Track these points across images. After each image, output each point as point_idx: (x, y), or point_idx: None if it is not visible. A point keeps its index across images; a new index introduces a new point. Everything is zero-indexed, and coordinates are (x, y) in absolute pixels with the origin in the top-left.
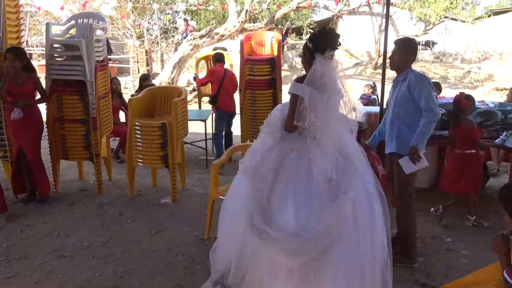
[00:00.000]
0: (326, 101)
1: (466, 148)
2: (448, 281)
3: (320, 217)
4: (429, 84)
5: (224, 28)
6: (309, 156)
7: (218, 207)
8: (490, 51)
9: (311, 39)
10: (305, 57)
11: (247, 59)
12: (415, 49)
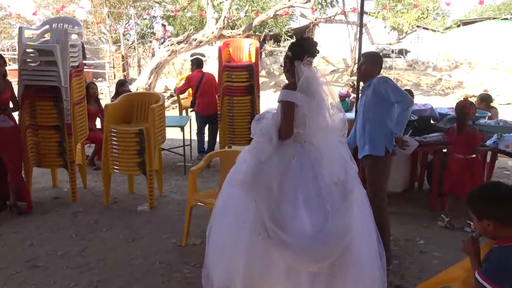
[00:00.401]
0: (316, 105)
1: (468, 153)
2: (421, 282)
3: (337, 218)
4: (391, 81)
5: (202, 34)
6: (311, 160)
7: (196, 213)
8: (460, 60)
9: (290, 48)
10: (285, 66)
11: (225, 65)
12: (380, 61)
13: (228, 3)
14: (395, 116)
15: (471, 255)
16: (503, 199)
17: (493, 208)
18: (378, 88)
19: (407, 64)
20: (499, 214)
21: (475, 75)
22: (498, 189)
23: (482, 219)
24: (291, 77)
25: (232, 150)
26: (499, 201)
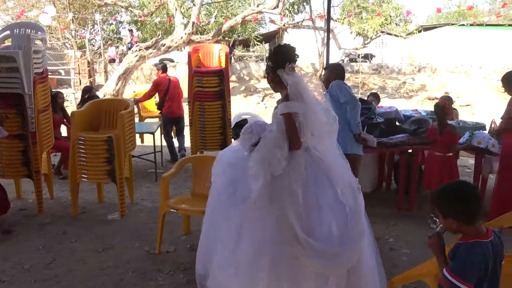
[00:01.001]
0: (311, 110)
1: (447, 152)
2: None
3: (355, 219)
4: (344, 84)
5: (170, 39)
6: (322, 167)
7: (169, 220)
8: (422, 64)
9: (269, 57)
10: (269, 76)
11: (195, 71)
12: (335, 67)
13: (196, 8)
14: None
15: (437, 250)
16: (467, 200)
17: (457, 208)
18: (332, 92)
19: (372, 68)
20: (462, 213)
21: (437, 78)
22: (462, 189)
23: (447, 217)
24: (277, 86)
25: (204, 156)
26: (463, 201)
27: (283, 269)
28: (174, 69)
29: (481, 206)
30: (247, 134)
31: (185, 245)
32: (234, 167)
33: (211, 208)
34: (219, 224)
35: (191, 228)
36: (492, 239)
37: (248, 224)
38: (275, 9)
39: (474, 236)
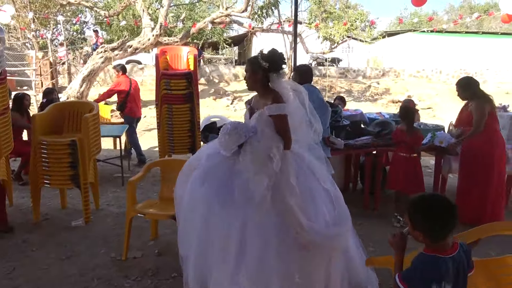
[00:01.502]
0: (297, 114)
1: (413, 152)
2: None
3: (340, 203)
4: (315, 89)
5: (137, 41)
6: (306, 162)
7: (136, 225)
8: (386, 68)
9: (266, 59)
10: (257, 75)
11: (163, 73)
12: (299, 70)
13: (164, 10)
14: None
15: (396, 249)
16: (439, 220)
17: (428, 226)
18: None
19: (339, 72)
20: (431, 232)
21: (400, 82)
22: (438, 209)
23: (415, 230)
24: (258, 87)
25: (172, 159)
26: (434, 222)
27: (292, 263)
28: (141, 71)
29: (455, 224)
30: (234, 136)
31: (153, 250)
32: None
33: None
34: (211, 225)
35: (159, 232)
36: (455, 255)
37: (253, 223)
38: (243, 12)
39: (436, 250)
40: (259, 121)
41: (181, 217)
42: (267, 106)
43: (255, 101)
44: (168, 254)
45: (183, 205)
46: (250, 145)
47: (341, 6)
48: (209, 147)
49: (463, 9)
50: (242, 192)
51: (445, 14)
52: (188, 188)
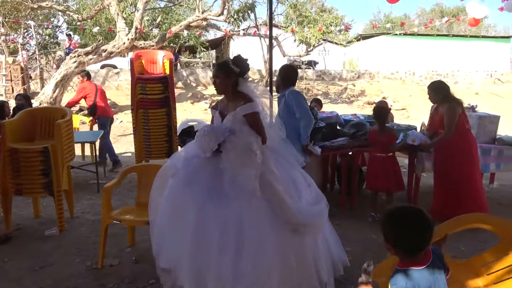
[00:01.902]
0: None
1: (388, 152)
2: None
3: (313, 187)
4: (301, 97)
5: (112, 45)
6: (279, 152)
7: (112, 232)
8: (362, 70)
9: (236, 64)
10: (229, 79)
11: (138, 78)
12: (284, 69)
13: (139, 14)
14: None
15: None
16: (411, 237)
17: (400, 242)
18: (288, 101)
19: (316, 75)
20: (403, 247)
21: (375, 84)
22: (411, 224)
23: (388, 242)
24: (231, 91)
25: (148, 164)
26: (408, 238)
27: (287, 248)
28: (117, 75)
29: (429, 239)
30: (212, 136)
31: (130, 258)
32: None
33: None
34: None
35: (137, 239)
36: (429, 264)
37: (248, 214)
38: (220, 16)
39: (410, 263)
40: (234, 122)
41: (159, 227)
42: (241, 107)
43: (223, 105)
44: (146, 260)
45: (161, 214)
46: (230, 143)
47: (316, 10)
48: (184, 151)
49: (434, 13)
50: (232, 187)
51: (417, 17)
52: (168, 196)
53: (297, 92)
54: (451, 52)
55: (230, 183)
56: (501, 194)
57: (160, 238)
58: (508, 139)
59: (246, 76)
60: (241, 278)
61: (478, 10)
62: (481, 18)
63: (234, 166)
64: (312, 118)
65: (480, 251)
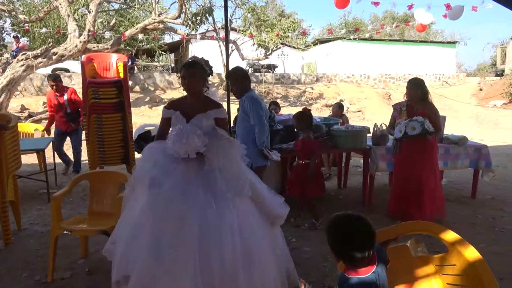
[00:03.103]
0: None
1: (307, 158)
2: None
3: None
4: (257, 104)
5: (63, 48)
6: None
7: (64, 244)
8: (320, 74)
9: (208, 65)
10: (203, 80)
11: (91, 81)
12: (242, 74)
13: (92, 16)
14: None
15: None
16: (352, 246)
17: (340, 250)
18: (246, 107)
19: (276, 78)
20: (346, 256)
21: (332, 87)
22: (352, 232)
23: (332, 251)
24: (201, 92)
25: (101, 171)
26: (349, 247)
27: (272, 240)
28: (69, 79)
29: (370, 245)
30: (198, 137)
31: (83, 269)
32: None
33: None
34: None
35: (90, 250)
36: (375, 269)
37: (240, 212)
38: (177, 19)
39: (356, 271)
40: (206, 124)
41: (128, 235)
42: (214, 110)
43: (185, 107)
44: (100, 272)
45: (136, 220)
46: (215, 145)
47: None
48: (153, 157)
49: (386, 20)
50: (228, 187)
51: (370, 23)
52: (153, 205)
53: (255, 99)
54: (402, 56)
55: (225, 183)
56: (449, 190)
57: (123, 251)
58: (454, 138)
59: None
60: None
61: (424, 16)
62: (427, 24)
63: (227, 166)
64: (265, 124)
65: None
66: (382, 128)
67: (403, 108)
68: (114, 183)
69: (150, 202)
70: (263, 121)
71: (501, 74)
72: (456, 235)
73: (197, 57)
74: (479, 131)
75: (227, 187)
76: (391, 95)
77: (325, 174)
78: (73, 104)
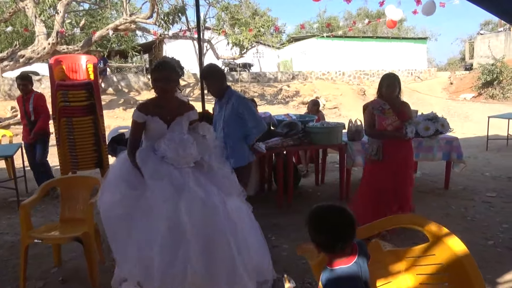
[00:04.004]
0: None
1: None
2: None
3: None
4: (249, 103)
5: (31, 50)
6: None
7: (35, 253)
8: (295, 71)
9: (180, 67)
10: (177, 82)
11: (59, 84)
12: (220, 72)
13: (60, 17)
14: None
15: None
16: (330, 233)
17: (321, 241)
18: (237, 108)
19: (252, 77)
20: (325, 247)
21: (308, 85)
22: (328, 220)
23: (313, 242)
24: (173, 96)
25: (72, 176)
26: (326, 234)
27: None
28: (39, 83)
29: (351, 236)
30: (205, 147)
31: (57, 278)
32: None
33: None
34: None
35: (64, 258)
36: (356, 259)
37: (234, 208)
38: (149, 19)
39: (338, 261)
40: (186, 128)
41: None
42: (193, 112)
43: (165, 110)
44: (74, 280)
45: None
46: (203, 145)
47: (250, 14)
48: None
49: (360, 17)
50: (230, 186)
51: (344, 20)
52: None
53: (245, 98)
54: (376, 53)
55: (227, 182)
56: (422, 182)
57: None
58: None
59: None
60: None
61: (395, 13)
62: (397, 20)
63: (222, 167)
64: (264, 125)
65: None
66: (357, 124)
67: (385, 107)
68: (86, 188)
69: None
70: (261, 120)
71: (470, 68)
72: (441, 227)
73: (167, 58)
74: (450, 123)
75: (231, 185)
76: (365, 91)
77: (303, 171)
78: (39, 113)
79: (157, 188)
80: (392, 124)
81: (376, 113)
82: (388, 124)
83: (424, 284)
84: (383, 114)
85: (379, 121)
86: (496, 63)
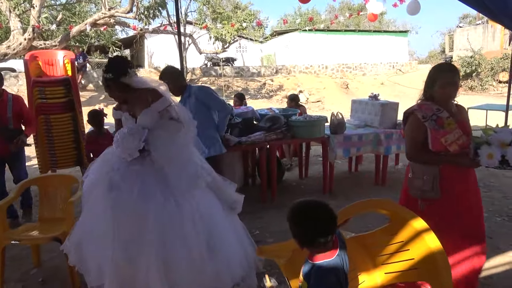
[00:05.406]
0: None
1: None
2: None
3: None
4: (211, 90)
5: (6, 45)
6: None
7: (13, 254)
8: (279, 66)
9: (108, 70)
10: (114, 89)
11: (36, 81)
12: (176, 73)
13: (36, 11)
14: (215, 119)
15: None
16: (308, 228)
17: (303, 237)
18: (200, 97)
19: (235, 72)
20: (307, 242)
21: (292, 79)
22: (307, 216)
23: (294, 238)
24: (126, 95)
25: (51, 175)
26: (305, 230)
27: (237, 220)
28: (16, 79)
29: (332, 230)
30: (136, 135)
31: (37, 279)
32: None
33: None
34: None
35: (43, 258)
36: (338, 252)
37: (204, 205)
38: (129, 13)
39: (321, 256)
40: (151, 120)
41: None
42: (153, 105)
43: (130, 106)
44: (55, 280)
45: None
46: (158, 141)
47: (231, 8)
48: (108, 159)
49: (343, 10)
50: (180, 183)
51: (327, 13)
52: (114, 208)
53: (207, 88)
54: (358, 46)
55: (178, 179)
56: (404, 173)
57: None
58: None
59: (130, 72)
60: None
61: (375, 6)
62: (378, 13)
63: (175, 162)
64: (229, 107)
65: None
66: (338, 117)
67: (442, 115)
68: (65, 186)
69: (111, 205)
70: (226, 105)
71: (450, 60)
72: (413, 214)
73: (111, 58)
74: None
75: (181, 182)
76: (348, 84)
77: (287, 165)
78: (19, 119)
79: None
80: (456, 142)
81: (430, 126)
82: (452, 141)
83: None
84: (441, 127)
85: (435, 138)
86: (475, 55)
